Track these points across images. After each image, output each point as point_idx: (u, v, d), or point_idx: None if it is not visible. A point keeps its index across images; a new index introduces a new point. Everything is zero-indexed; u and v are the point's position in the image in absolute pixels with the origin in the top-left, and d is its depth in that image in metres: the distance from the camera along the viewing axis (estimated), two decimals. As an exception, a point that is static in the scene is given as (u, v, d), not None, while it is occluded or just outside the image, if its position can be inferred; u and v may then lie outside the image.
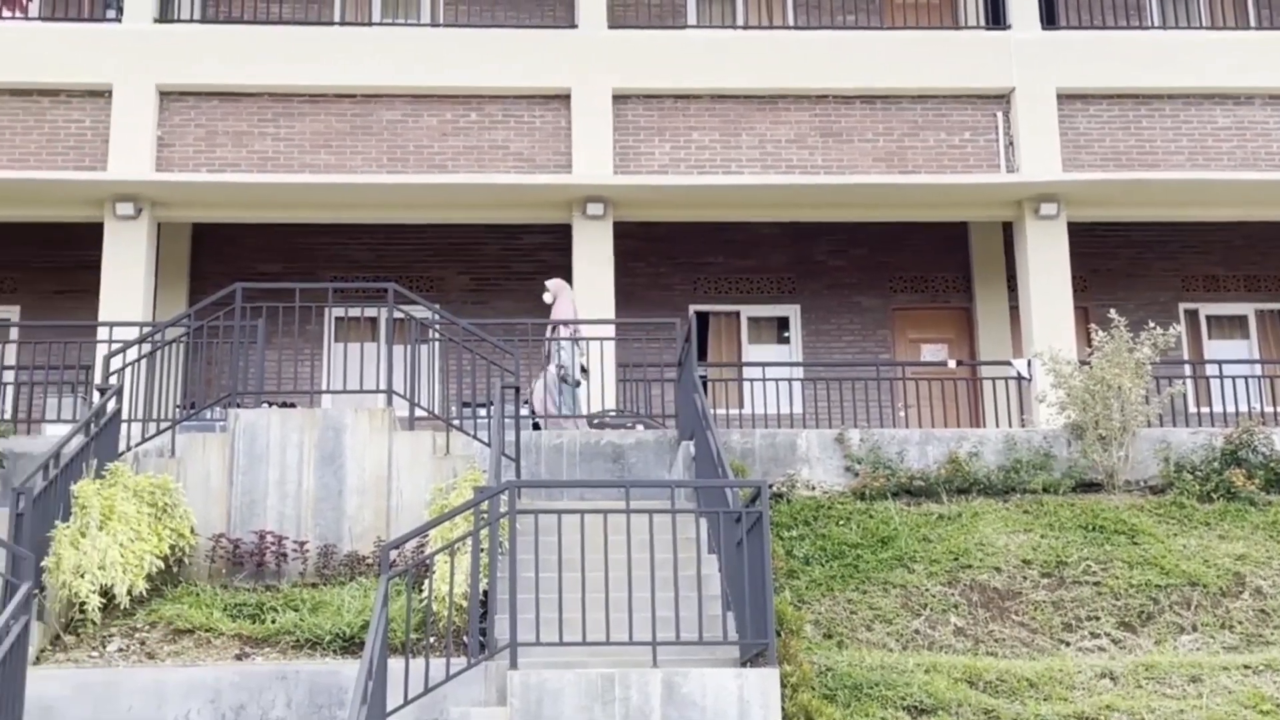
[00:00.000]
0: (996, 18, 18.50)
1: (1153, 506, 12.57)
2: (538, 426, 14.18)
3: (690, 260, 19.25)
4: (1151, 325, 14.11)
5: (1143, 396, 13.41)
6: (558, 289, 15.31)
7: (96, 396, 11.75)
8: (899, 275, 19.46)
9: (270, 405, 13.19)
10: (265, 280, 17.50)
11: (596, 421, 14.64)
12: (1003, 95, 18.02)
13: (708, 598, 9.23)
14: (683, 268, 19.24)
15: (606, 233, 17.11)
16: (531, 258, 18.83)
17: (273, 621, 9.98)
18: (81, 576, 9.85)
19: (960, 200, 17.56)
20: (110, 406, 11.42)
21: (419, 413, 12.26)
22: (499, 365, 12.67)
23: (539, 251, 18.82)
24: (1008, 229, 18.63)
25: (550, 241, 18.52)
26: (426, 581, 9.66)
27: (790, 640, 9.24)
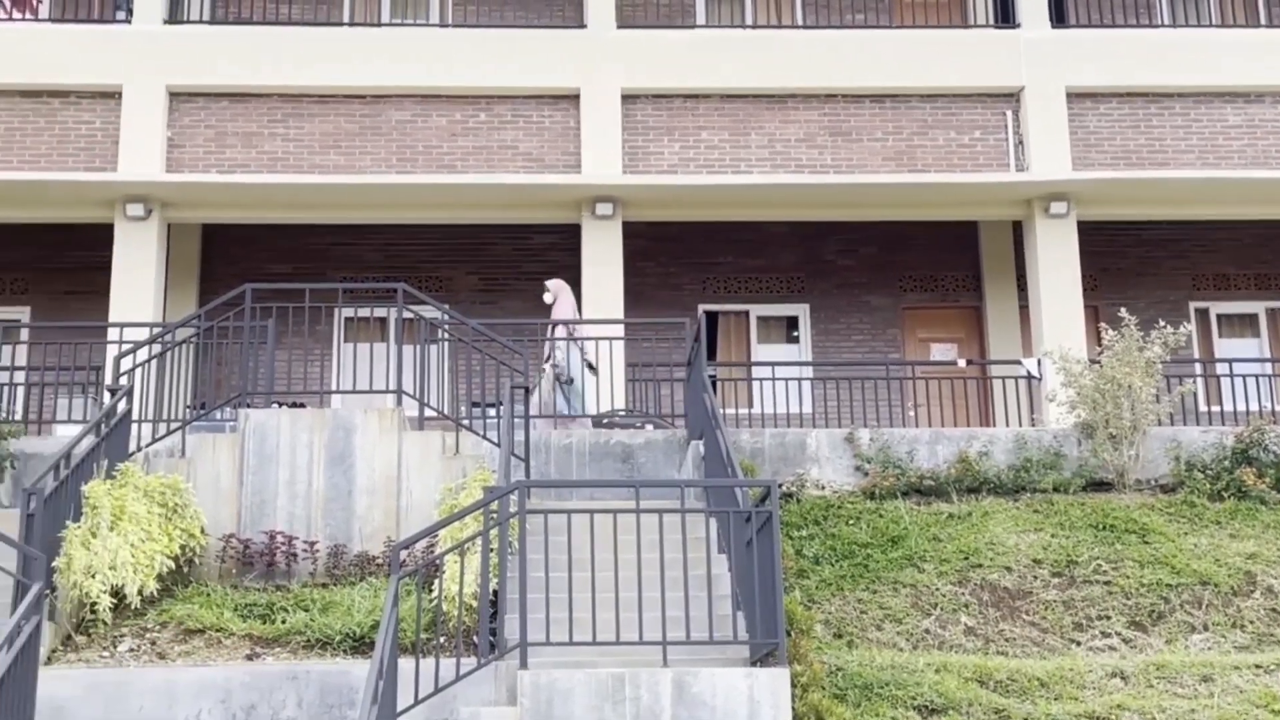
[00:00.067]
0: (1006, 16, 18.46)
1: (1163, 505, 12.56)
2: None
3: (699, 260, 19.24)
4: (1162, 324, 14.11)
5: (1153, 395, 13.39)
6: (558, 289, 15.32)
7: (107, 397, 11.76)
8: (908, 274, 19.43)
9: (280, 405, 13.19)
10: (275, 281, 17.54)
11: (606, 421, 14.64)
12: (1012, 94, 17.98)
13: (718, 597, 9.22)
14: (692, 267, 19.23)
15: (616, 232, 17.12)
16: (540, 258, 18.84)
17: (283, 621, 9.98)
18: (92, 577, 9.87)
19: (970, 199, 17.53)
20: (121, 407, 11.44)
21: (429, 413, 12.28)
22: (508, 365, 12.68)
23: (548, 251, 18.83)
24: (1017, 228, 18.62)
25: (559, 241, 18.53)
26: (436, 581, 9.69)
27: (800, 640, 9.23)
